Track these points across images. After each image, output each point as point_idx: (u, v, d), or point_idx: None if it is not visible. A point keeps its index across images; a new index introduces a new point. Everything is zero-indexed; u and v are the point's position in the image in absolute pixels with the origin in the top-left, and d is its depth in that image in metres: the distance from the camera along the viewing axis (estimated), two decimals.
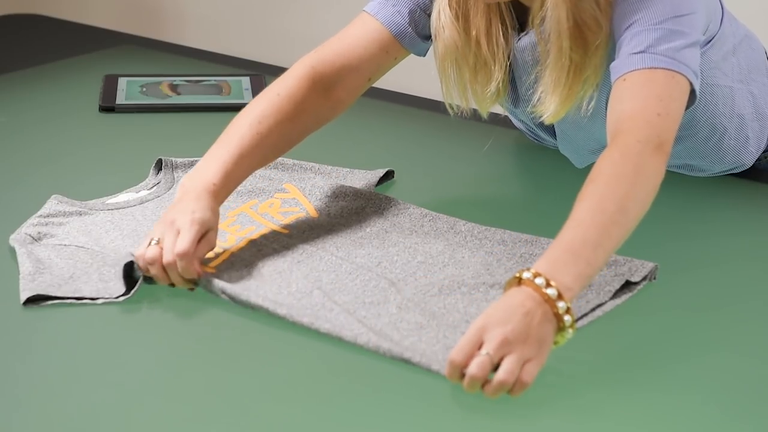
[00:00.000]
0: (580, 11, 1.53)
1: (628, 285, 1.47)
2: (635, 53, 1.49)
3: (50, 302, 1.43)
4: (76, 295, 1.44)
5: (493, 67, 1.62)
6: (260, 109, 1.60)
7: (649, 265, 1.49)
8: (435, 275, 1.49)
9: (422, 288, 1.45)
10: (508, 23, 1.61)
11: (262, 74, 2.29)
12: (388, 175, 1.80)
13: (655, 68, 1.48)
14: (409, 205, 1.66)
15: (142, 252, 1.45)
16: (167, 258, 1.44)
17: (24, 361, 1.34)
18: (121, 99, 2.15)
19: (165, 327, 1.42)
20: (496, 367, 1.24)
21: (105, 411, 1.24)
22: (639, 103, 1.46)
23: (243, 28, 3.28)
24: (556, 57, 1.55)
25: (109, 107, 2.13)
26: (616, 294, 1.45)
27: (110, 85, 2.21)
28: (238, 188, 1.73)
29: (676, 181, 1.79)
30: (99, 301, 1.44)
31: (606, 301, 1.43)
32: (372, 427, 1.22)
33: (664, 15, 1.50)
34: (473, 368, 1.23)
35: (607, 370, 1.32)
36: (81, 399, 1.27)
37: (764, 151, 1.81)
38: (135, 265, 1.46)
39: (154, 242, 1.46)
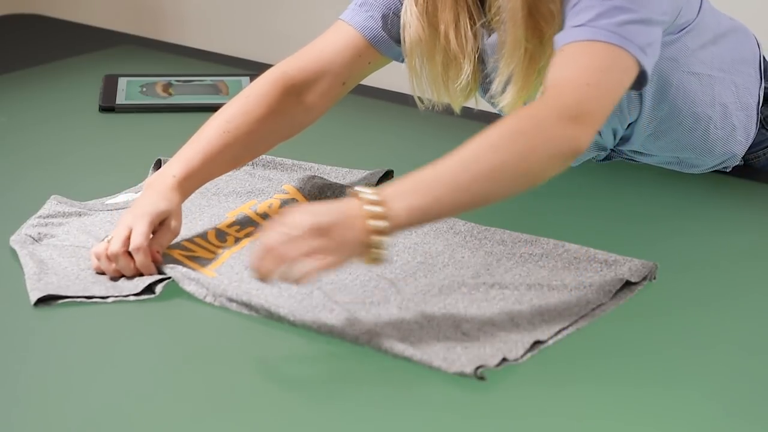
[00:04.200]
0: (534, 0, 1.52)
1: (628, 285, 1.47)
2: (576, 26, 1.48)
3: (60, 302, 1.43)
4: (86, 294, 1.44)
5: (462, 61, 1.61)
6: (229, 111, 1.62)
7: (649, 265, 1.49)
8: (435, 275, 1.49)
9: (422, 288, 1.46)
10: (475, 17, 1.61)
11: (261, 74, 2.29)
12: (388, 175, 1.80)
13: (594, 41, 1.46)
14: None
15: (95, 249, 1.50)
16: (113, 249, 1.47)
17: (25, 361, 1.34)
18: (121, 99, 2.15)
19: (165, 327, 1.42)
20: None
21: (105, 410, 1.24)
22: (569, 72, 1.45)
23: (243, 28, 3.28)
24: (511, 47, 1.55)
25: (109, 107, 2.13)
26: (616, 294, 1.45)
27: (110, 85, 2.21)
28: (238, 189, 1.73)
29: (675, 180, 1.79)
30: (109, 300, 1.44)
31: (606, 302, 1.43)
32: (372, 427, 1.22)
33: None
34: (274, 238, 1.29)
35: (608, 369, 1.32)
36: (81, 398, 1.27)
37: (763, 148, 1.81)
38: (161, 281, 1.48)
39: (107, 240, 1.49)
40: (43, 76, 2.33)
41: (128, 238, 1.48)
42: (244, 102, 1.63)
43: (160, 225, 1.51)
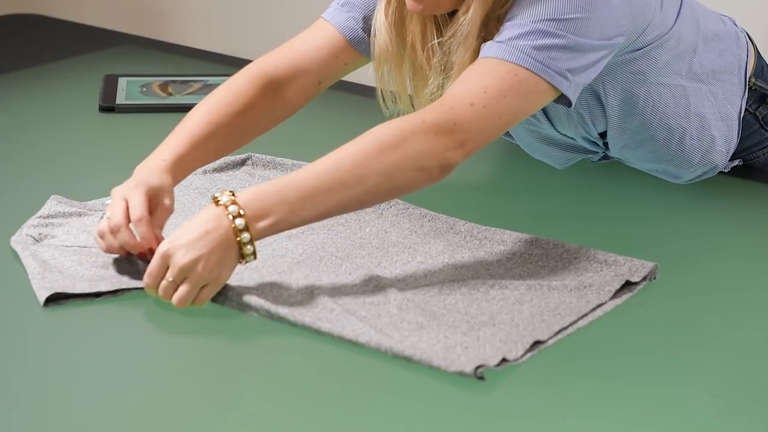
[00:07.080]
0: (486, 30, 1.52)
1: (628, 285, 1.47)
2: (498, 41, 1.48)
3: (66, 302, 1.43)
4: (93, 291, 1.44)
5: (428, 73, 1.61)
6: (210, 103, 1.63)
7: (649, 265, 1.49)
8: (435, 275, 1.49)
9: (422, 288, 1.46)
10: (443, 32, 1.60)
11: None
12: None
13: (505, 60, 1.46)
14: (408, 205, 1.67)
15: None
16: (114, 221, 1.46)
17: (26, 361, 1.34)
18: (121, 99, 2.15)
19: (165, 327, 1.42)
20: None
21: (104, 411, 1.24)
22: (463, 88, 1.45)
23: (242, 28, 3.28)
24: (458, 70, 1.54)
25: (109, 107, 2.13)
26: (616, 294, 1.45)
27: (110, 85, 2.21)
28: (238, 189, 1.73)
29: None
30: (118, 294, 1.44)
31: (606, 301, 1.43)
32: (372, 427, 1.22)
33: (542, 15, 1.47)
34: (161, 292, 1.39)
35: (608, 369, 1.32)
36: (83, 399, 1.27)
37: (763, 148, 1.81)
38: None
39: (105, 216, 1.49)
40: (43, 76, 2.33)
41: (127, 209, 1.47)
42: (227, 94, 1.64)
43: (154, 204, 1.51)
